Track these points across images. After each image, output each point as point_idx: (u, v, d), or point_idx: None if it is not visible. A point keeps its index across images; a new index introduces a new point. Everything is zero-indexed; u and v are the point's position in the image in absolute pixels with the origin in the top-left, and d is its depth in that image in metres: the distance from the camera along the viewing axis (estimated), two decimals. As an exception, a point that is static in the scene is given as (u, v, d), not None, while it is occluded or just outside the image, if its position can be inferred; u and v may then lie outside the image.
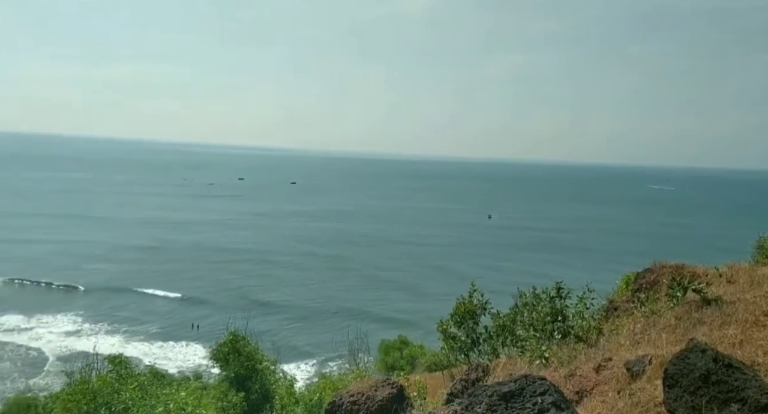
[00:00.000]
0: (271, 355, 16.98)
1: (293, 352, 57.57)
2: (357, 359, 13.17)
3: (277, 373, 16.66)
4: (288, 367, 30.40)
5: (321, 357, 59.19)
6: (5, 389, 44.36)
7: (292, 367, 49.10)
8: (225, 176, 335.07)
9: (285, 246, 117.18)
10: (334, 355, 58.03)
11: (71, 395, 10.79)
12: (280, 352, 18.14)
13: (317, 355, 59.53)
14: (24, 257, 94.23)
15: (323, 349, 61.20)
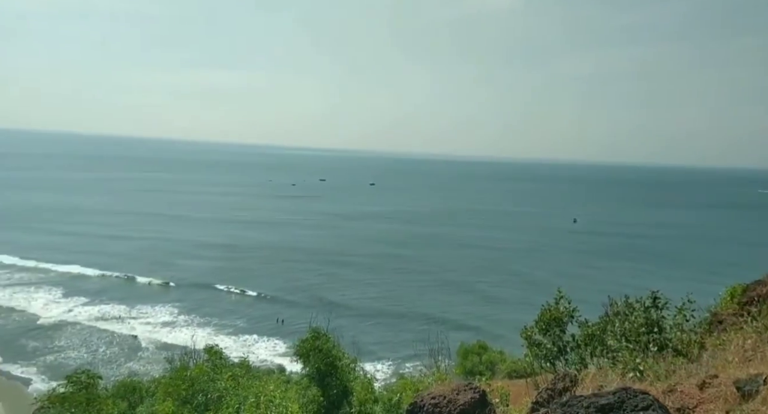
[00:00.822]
0: (350, 353, 17.34)
1: (368, 352, 58.34)
2: (437, 361, 13.11)
3: (357, 371, 16.89)
4: (364, 367, 30.84)
5: (396, 358, 59.52)
6: (112, 373, 48.63)
7: (367, 367, 49.75)
8: (307, 177, 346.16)
9: (361, 247, 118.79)
10: (409, 355, 58.19)
11: (172, 381, 11.61)
12: (358, 351, 18.39)
13: (392, 356, 59.91)
14: (117, 252, 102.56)
15: (397, 350, 61.63)
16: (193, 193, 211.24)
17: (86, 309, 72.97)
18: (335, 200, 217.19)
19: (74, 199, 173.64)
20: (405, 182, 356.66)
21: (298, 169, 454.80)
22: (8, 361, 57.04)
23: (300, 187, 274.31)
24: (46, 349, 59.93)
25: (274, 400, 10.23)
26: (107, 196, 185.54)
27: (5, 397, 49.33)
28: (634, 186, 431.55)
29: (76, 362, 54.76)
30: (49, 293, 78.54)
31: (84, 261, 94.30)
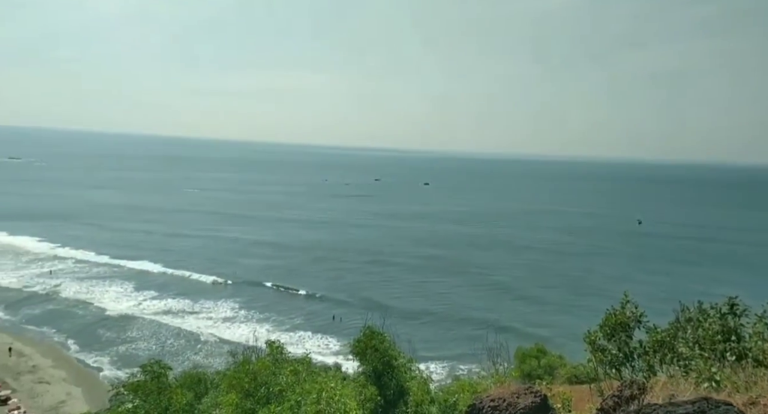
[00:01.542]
0: (405, 353, 17.36)
1: (421, 353, 58.22)
2: (496, 364, 12.93)
3: (413, 370, 16.87)
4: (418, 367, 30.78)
5: (449, 359, 59.13)
6: (177, 364, 51.01)
7: (421, 367, 49.62)
8: (362, 177, 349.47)
9: (413, 248, 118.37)
10: (462, 358, 57.68)
11: (236, 374, 12.06)
12: (415, 351, 18.34)
13: (445, 357, 59.52)
14: (179, 249, 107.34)
15: (450, 351, 61.22)
16: (250, 193, 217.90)
17: (153, 303, 76.88)
18: (389, 200, 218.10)
19: (138, 197, 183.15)
20: (460, 182, 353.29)
21: (353, 168, 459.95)
22: (84, 349, 60.96)
23: (354, 186, 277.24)
24: (118, 340, 63.59)
25: (334, 396, 10.42)
26: (168, 195, 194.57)
27: (82, 383, 52.77)
28: (704, 186, 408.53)
29: (145, 353, 57.79)
30: (121, 287, 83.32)
31: (150, 257, 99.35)
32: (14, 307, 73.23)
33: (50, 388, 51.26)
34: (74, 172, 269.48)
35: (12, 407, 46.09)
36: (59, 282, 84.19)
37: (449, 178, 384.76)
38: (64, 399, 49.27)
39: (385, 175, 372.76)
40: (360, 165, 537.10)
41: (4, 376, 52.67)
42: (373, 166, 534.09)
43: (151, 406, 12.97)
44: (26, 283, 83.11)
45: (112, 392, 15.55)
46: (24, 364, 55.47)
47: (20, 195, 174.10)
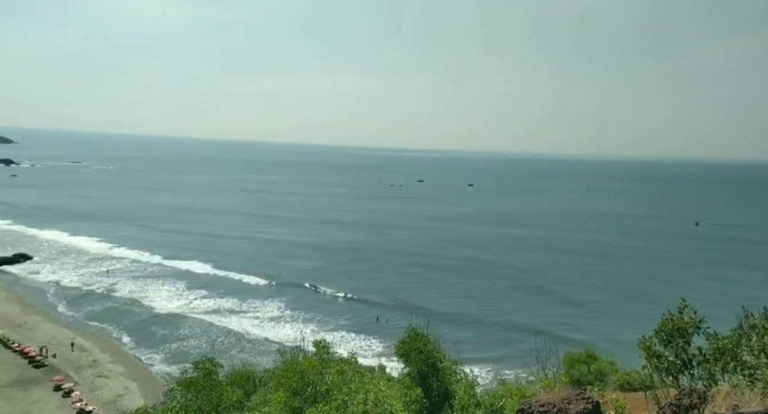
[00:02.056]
0: (450, 355, 17.16)
1: (464, 356, 57.54)
2: (545, 369, 12.62)
3: (458, 373, 16.68)
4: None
5: (493, 363, 58.32)
6: (227, 362, 52.35)
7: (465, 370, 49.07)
8: (406, 178, 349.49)
9: (457, 250, 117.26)
10: (507, 362, 56.80)
11: (284, 372, 12.27)
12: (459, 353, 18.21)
13: (489, 361, 58.70)
14: (228, 251, 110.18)
15: (494, 355, 60.35)
16: (294, 194, 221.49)
17: (203, 302, 79.40)
18: (432, 201, 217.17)
19: (188, 199, 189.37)
20: (504, 183, 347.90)
21: (397, 170, 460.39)
22: (139, 346, 63.53)
23: (398, 188, 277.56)
24: (171, 337, 65.94)
25: (381, 397, 10.44)
26: (217, 197, 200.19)
27: (138, 378, 55.02)
28: (764, 187, 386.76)
29: (196, 350, 59.71)
30: (173, 286, 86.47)
31: (199, 258, 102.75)
32: (76, 304, 77.21)
33: (109, 382, 53.68)
34: (130, 175, 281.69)
35: (75, 399, 48.56)
36: (116, 281, 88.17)
37: (493, 179, 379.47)
38: (122, 393, 51.48)
39: (429, 177, 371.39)
40: (402, 166, 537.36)
41: (67, 369, 55.56)
42: (416, 167, 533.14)
43: (204, 402, 13.37)
44: (86, 282, 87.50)
45: (166, 388, 16.13)
46: (85, 359, 58.31)
47: (80, 197, 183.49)
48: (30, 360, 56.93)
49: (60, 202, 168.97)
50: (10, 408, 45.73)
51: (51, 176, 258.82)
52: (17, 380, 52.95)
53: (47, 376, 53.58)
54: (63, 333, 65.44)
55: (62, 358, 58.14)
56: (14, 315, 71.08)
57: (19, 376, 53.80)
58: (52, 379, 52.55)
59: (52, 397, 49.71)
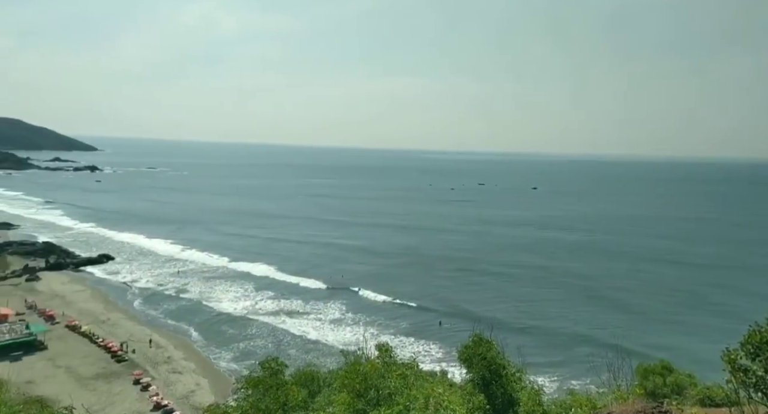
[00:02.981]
0: (514, 362, 16.71)
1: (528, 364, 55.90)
2: (617, 379, 12.07)
3: (523, 381, 16.23)
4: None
5: (558, 372, 56.41)
6: (291, 362, 53.72)
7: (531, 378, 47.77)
8: (466, 181, 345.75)
9: (517, 256, 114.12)
10: (572, 370, 54.82)
11: (347, 374, 12.41)
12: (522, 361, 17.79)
13: (554, 371, 56.83)
14: (290, 254, 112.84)
15: (560, 364, 58.39)
16: (356, 199, 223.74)
17: (268, 303, 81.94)
18: (493, 205, 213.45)
19: (253, 203, 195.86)
20: (570, 186, 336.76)
21: (458, 173, 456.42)
22: (210, 344, 66.32)
23: (459, 191, 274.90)
24: (239, 336, 68.42)
25: (443, 402, 10.35)
26: (280, 202, 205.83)
27: (209, 375, 57.44)
28: None
29: (262, 350, 61.64)
30: (240, 287, 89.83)
31: (263, 260, 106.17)
32: (152, 303, 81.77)
33: (182, 377, 56.37)
34: (199, 180, 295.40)
35: (152, 393, 51.36)
36: (187, 281, 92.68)
37: (561, 182, 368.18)
38: (194, 389, 53.91)
39: (490, 180, 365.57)
40: (463, 169, 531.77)
41: (144, 364, 58.87)
42: (478, 170, 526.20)
43: (270, 400, 13.75)
44: (160, 282, 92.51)
45: (234, 385, 16.72)
46: (161, 355, 61.56)
47: (155, 201, 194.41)
48: (112, 354, 60.79)
49: (137, 206, 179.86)
50: (96, 399, 48.95)
51: (130, 181, 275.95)
52: (101, 373, 56.67)
53: (127, 370, 56.99)
54: (141, 330, 69.43)
55: (140, 353, 61.67)
56: (99, 312, 76.19)
57: (103, 370, 57.56)
58: (131, 373, 55.84)
59: (132, 390, 52.81)
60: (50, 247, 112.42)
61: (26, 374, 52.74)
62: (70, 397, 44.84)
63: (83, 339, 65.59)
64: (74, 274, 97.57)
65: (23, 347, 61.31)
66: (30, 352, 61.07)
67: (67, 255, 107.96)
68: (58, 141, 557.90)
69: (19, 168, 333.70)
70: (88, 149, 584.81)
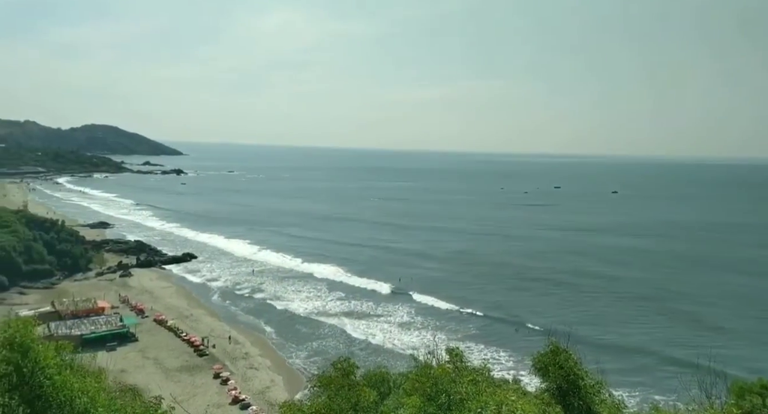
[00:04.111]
0: (593, 373, 15.99)
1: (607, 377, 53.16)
2: (711, 397, 11.25)
3: (602, 393, 15.51)
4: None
5: (640, 387, 53.42)
6: (361, 363, 54.37)
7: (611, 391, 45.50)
8: (541, 185, 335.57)
9: (594, 265, 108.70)
10: (653, 385, 51.87)
11: (418, 377, 12.39)
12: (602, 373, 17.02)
13: (636, 386, 53.83)
14: (360, 257, 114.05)
15: (640, 380, 55.37)
16: (424, 203, 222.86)
17: (338, 304, 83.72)
18: (570, 210, 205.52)
19: (327, 207, 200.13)
20: (653, 190, 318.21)
21: (532, 176, 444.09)
22: (283, 341, 68.56)
23: (533, 195, 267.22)
24: (311, 335, 70.29)
25: (516, 411, 10.08)
26: (354, 205, 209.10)
27: (283, 372, 59.38)
28: None
29: (333, 350, 62.95)
30: (312, 288, 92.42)
31: (334, 262, 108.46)
32: (230, 300, 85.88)
33: (258, 374, 58.63)
34: (272, 183, 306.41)
35: (230, 388, 53.81)
36: (262, 280, 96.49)
37: (641, 186, 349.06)
38: (269, 385, 55.90)
39: (567, 183, 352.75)
40: (538, 172, 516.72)
41: (224, 359, 61.80)
42: (553, 173, 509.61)
43: (342, 400, 13.98)
44: (237, 281, 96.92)
45: (308, 383, 17.16)
46: (239, 351, 64.39)
47: (231, 204, 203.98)
48: (195, 348, 64.29)
49: (216, 208, 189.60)
50: (180, 390, 51.93)
51: (210, 184, 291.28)
52: (185, 366, 60.10)
53: (208, 364, 60.07)
54: (220, 326, 72.99)
55: (220, 348, 64.82)
56: (182, 308, 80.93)
57: (186, 363, 61.02)
58: (212, 367, 58.79)
59: (213, 384, 55.61)
60: (141, 245, 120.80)
61: (121, 363, 56.83)
62: (159, 387, 47.95)
63: (169, 333, 69.88)
64: (161, 271, 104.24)
65: (117, 338, 66.32)
66: (123, 343, 65.94)
67: (155, 253, 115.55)
68: (149, 146, 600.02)
69: (115, 171, 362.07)
70: (175, 154, 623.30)
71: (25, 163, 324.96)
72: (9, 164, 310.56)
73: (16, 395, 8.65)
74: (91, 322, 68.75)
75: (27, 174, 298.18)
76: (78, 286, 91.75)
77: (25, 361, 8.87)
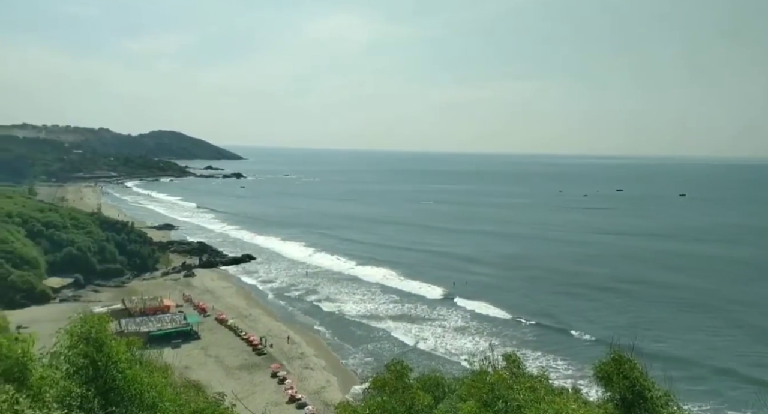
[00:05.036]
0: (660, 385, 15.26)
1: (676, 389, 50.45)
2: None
3: (671, 406, 14.74)
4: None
5: (713, 401, 50.42)
6: (415, 366, 54.25)
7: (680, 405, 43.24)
8: (602, 187, 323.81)
9: (660, 274, 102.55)
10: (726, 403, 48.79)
11: (474, 382, 12.22)
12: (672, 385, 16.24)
13: (708, 400, 50.85)
14: (412, 260, 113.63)
15: (709, 395, 52.18)
16: (479, 206, 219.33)
17: (391, 307, 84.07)
18: (632, 213, 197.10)
19: (375, 209, 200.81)
20: (726, 192, 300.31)
21: (592, 178, 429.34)
22: (338, 343, 69.46)
23: (592, 198, 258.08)
24: (365, 337, 70.88)
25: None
26: (406, 208, 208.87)
27: (338, 373, 60.14)
28: None
29: (387, 352, 63.31)
30: (365, 290, 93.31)
31: (386, 266, 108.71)
32: (286, 301, 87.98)
33: (314, 374, 59.64)
34: (326, 186, 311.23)
35: (287, 387, 55.02)
36: (316, 282, 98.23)
37: (712, 188, 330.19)
38: (324, 385, 56.74)
39: (630, 185, 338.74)
40: (599, 174, 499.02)
41: (281, 358, 63.28)
42: (615, 175, 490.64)
43: (397, 402, 13.98)
44: (293, 282, 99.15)
45: (362, 385, 17.33)
46: (295, 351, 65.76)
47: (287, 207, 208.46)
48: (253, 347, 66.17)
49: (272, 211, 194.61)
50: (239, 387, 53.59)
51: (268, 187, 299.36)
52: (244, 364, 61.99)
53: (266, 363, 61.66)
54: (277, 326, 74.82)
55: (277, 348, 66.43)
56: (242, 307, 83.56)
57: (245, 361, 62.92)
58: (269, 366, 60.32)
59: (270, 382, 57.04)
60: (203, 246, 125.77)
61: (185, 360, 59.24)
62: (220, 384, 49.70)
63: (229, 331, 72.30)
64: (222, 272, 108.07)
65: (182, 336, 69.26)
66: (187, 340, 68.79)
67: (216, 254, 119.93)
68: (210, 151, 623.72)
69: (180, 175, 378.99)
70: (235, 158, 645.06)
71: (99, 167, 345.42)
72: (85, 169, 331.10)
73: (92, 387, 9.17)
74: (157, 319, 72.13)
75: (101, 178, 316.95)
76: (146, 285, 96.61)
77: (100, 356, 9.39)
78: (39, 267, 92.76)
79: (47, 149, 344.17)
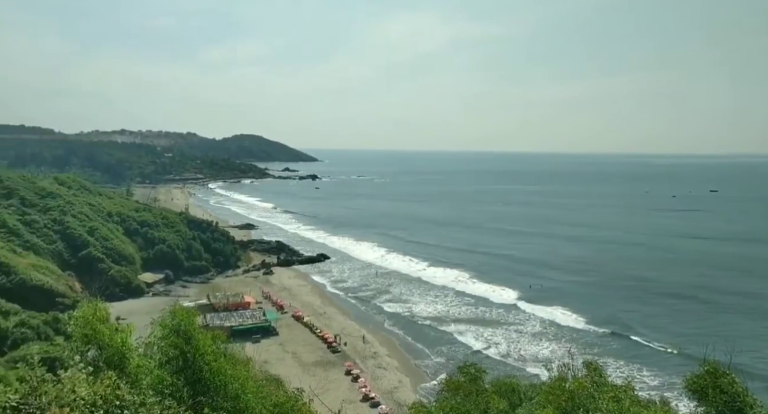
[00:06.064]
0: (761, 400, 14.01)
1: None
2: None
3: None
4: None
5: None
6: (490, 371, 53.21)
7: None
8: (694, 188, 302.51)
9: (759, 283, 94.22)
10: None
11: (552, 389, 11.81)
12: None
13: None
14: (481, 262, 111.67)
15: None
16: (559, 207, 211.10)
17: (463, 309, 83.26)
18: (725, 217, 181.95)
19: (443, 211, 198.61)
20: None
21: (684, 178, 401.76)
22: (411, 343, 69.59)
23: (682, 199, 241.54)
24: (438, 339, 70.55)
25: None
26: (471, 210, 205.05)
27: (411, 374, 60.26)
28: None
29: (459, 354, 62.56)
30: (437, 292, 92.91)
31: (457, 267, 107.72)
32: (359, 300, 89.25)
33: (386, 373, 60.12)
34: (396, 187, 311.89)
35: (361, 385, 55.84)
36: (389, 283, 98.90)
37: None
38: (397, 385, 57.02)
39: (726, 186, 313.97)
40: (692, 174, 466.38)
41: (354, 357, 64.33)
42: (711, 175, 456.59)
43: (471, 406, 13.81)
44: (365, 282, 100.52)
45: (435, 387, 17.22)
46: (368, 350, 66.61)
47: (358, 208, 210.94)
48: (328, 345, 67.75)
49: (346, 212, 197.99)
50: (315, 383, 54.96)
51: (341, 189, 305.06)
52: (319, 361, 63.62)
53: (340, 361, 62.92)
54: (351, 325, 76.12)
55: (351, 346, 67.57)
56: (317, 305, 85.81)
57: (321, 358, 64.54)
58: (343, 364, 61.48)
59: (344, 380, 58.13)
60: (281, 245, 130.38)
61: (264, 355, 61.61)
62: (297, 379, 51.30)
63: (305, 329, 74.47)
64: (298, 270, 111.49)
65: (261, 331, 72.22)
66: (266, 336, 71.63)
67: (293, 253, 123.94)
68: (288, 153, 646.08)
69: (260, 177, 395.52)
70: (311, 160, 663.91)
71: (186, 170, 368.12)
72: (175, 171, 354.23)
73: (182, 377, 9.77)
74: (239, 315, 75.64)
75: (188, 180, 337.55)
76: (228, 282, 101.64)
77: (188, 347, 9.99)
78: (135, 263, 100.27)
79: (142, 153, 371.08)
